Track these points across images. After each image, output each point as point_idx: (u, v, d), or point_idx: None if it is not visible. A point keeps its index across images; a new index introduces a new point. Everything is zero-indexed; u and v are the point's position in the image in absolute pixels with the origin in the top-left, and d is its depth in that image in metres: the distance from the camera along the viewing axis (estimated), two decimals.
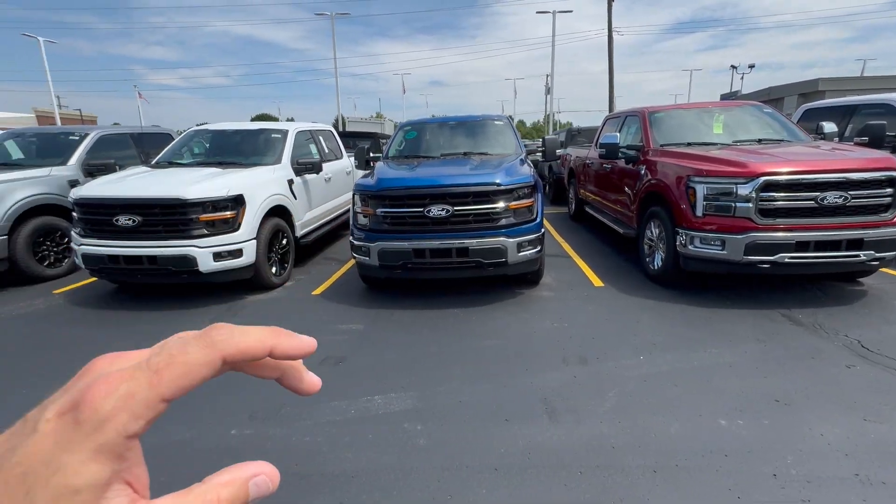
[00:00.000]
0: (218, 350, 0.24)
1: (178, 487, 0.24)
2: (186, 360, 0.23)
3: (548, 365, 3.03)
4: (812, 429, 2.27)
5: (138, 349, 0.26)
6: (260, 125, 5.77)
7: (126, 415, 0.22)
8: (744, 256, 3.75)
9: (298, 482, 2.05)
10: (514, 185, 3.99)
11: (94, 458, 0.21)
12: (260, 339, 0.26)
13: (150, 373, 0.23)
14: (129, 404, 0.22)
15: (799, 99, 23.75)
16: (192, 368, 0.24)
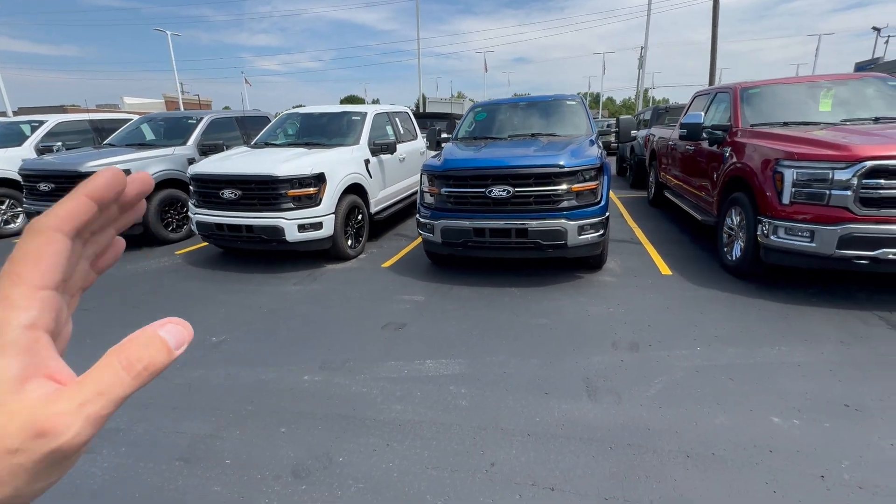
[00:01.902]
0: (47, 229, 0.26)
1: (260, 417, 0.31)
2: (28, 251, 0.25)
3: (597, 348, 3.07)
4: (881, 439, 2.10)
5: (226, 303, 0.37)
6: (342, 108, 6.23)
7: (12, 311, 0.24)
8: (836, 250, 3.38)
9: (354, 423, 2.37)
10: (577, 167, 3.96)
11: (1, 356, 0.24)
12: (75, 198, 0.27)
13: (6, 276, 0.25)
14: (9, 303, 0.24)
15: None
16: (38, 252, 0.25)
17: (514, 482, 1.94)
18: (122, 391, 0.25)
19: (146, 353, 0.26)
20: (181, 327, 0.28)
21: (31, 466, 0.23)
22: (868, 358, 2.79)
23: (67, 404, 0.24)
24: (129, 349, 0.26)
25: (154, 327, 0.27)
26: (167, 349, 0.26)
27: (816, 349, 2.92)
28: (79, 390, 0.24)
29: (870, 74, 4.92)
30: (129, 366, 0.25)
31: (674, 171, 6.63)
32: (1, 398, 0.23)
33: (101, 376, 0.25)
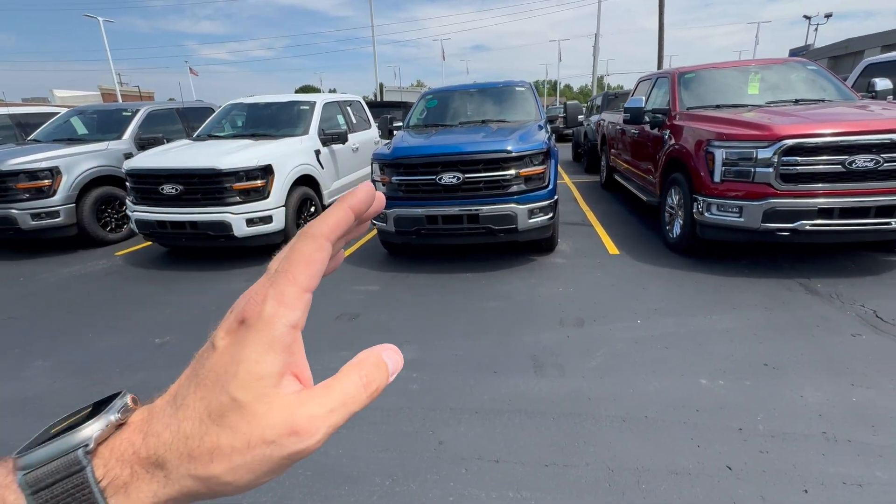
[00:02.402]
0: (320, 236, 0.27)
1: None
2: (302, 254, 0.26)
3: (545, 326, 3.18)
4: (793, 391, 2.30)
5: (194, 300, 0.37)
6: (290, 97, 6.05)
7: (284, 309, 0.25)
8: (761, 224, 3.64)
9: None
10: (525, 152, 4.04)
11: (268, 351, 0.25)
12: (342, 210, 0.28)
13: (283, 275, 0.26)
14: (283, 301, 0.25)
15: (882, 51, 21.16)
16: (310, 257, 0.26)
17: (460, 457, 2.00)
18: (357, 406, 0.27)
19: (376, 374, 0.28)
20: (398, 356, 0.30)
21: (276, 460, 0.25)
22: (787, 321, 3.04)
23: (320, 409, 0.25)
24: (366, 368, 0.28)
25: (378, 351, 0.29)
26: (387, 374, 0.28)
27: (743, 315, 3.15)
28: (329, 398, 0.26)
29: (792, 59, 5.26)
30: (368, 384, 0.27)
31: (622, 154, 6.87)
32: (265, 391, 0.25)
33: (345, 388, 0.26)
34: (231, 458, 0.24)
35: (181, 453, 0.25)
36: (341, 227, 0.28)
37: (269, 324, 0.25)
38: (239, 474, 0.25)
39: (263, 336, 0.25)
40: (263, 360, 0.25)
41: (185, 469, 0.25)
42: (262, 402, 0.25)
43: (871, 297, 3.29)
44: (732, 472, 1.83)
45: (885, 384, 2.30)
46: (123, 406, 0.28)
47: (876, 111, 3.71)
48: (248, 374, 0.25)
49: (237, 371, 0.25)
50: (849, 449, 1.91)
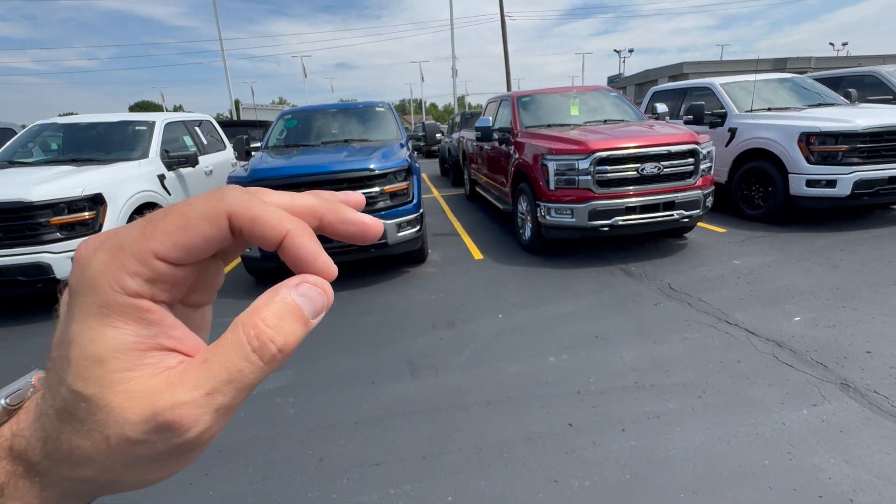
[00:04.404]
0: (225, 205, 0.20)
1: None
2: (186, 210, 0.20)
3: (419, 332, 3.37)
4: (615, 354, 2.85)
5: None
6: (121, 117, 5.35)
7: (117, 269, 0.19)
8: (588, 222, 4.39)
9: None
10: (387, 169, 4.23)
11: (106, 323, 0.19)
12: (278, 219, 0.21)
13: (144, 223, 0.20)
14: (118, 257, 0.19)
15: (669, 80, 26.89)
16: (192, 220, 0.20)
17: (341, 469, 2.04)
18: (254, 378, 0.20)
19: (281, 328, 0.21)
20: (318, 288, 0.22)
21: (155, 457, 0.20)
22: (612, 300, 3.72)
23: (193, 393, 0.19)
24: (260, 323, 0.20)
25: (286, 289, 0.22)
26: (304, 320, 0.21)
27: (580, 300, 3.75)
28: (207, 376, 0.20)
29: (600, 87, 6.44)
30: (263, 347, 0.20)
31: (481, 169, 7.55)
32: (111, 377, 0.19)
33: (230, 359, 0.20)
34: (96, 461, 0.20)
35: (45, 455, 0.21)
36: (256, 228, 0.21)
37: (95, 286, 0.19)
38: (116, 475, 0.21)
39: (90, 302, 0.20)
40: (99, 337, 0.19)
41: (56, 472, 0.21)
42: (112, 391, 0.19)
43: (666, 273, 4.20)
44: (573, 428, 2.20)
45: (674, 338, 2.99)
46: (21, 388, 0.24)
47: (657, 129, 4.78)
48: (83, 357, 0.19)
49: (69, 355, 0.20)
50: (651, 391, 2.44)
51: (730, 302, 3.46)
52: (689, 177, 4.46)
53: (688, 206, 4.46)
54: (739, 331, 3.02)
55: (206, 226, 0.20)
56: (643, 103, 8.20)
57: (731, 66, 28.50)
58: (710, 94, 6.76)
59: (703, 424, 2.15)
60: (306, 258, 0.22)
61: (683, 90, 7.42)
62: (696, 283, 3.90)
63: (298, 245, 0.22)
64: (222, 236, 0.21)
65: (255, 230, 0.21)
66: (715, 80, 6.90)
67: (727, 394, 2.37)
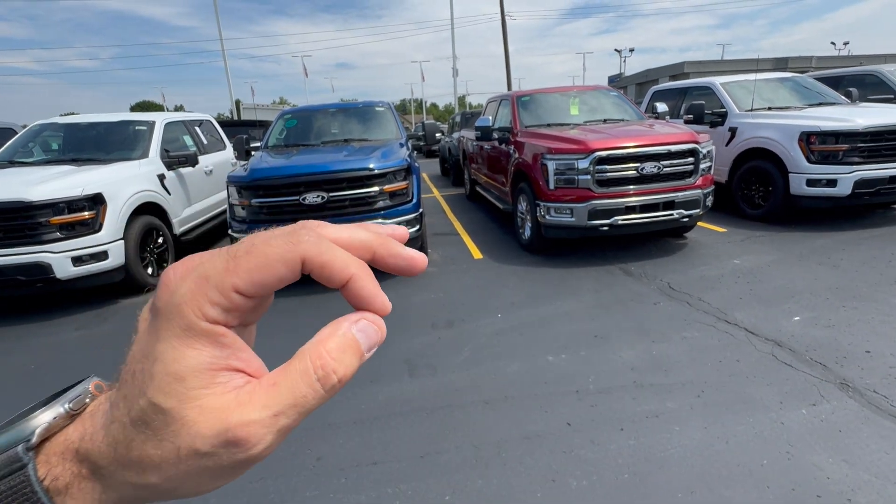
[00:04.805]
0: (300, 249, 0.23)
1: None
2: (266, 251, 0.22)
3: (418, 331, 3.37)
4: (614, 354, 2.84)
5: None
6: (121, 117, 5.35)
7: (202, 297, 0.21)
8: (588, 221, 4.38)
9: None
10: (387, 169, 4.23)
11: (187, 344, 0.21)
12: (345, 263, 0.24)
13: (227, 257, 0.22)
14: (202, 287, 0.21)
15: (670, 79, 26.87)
16: (270, 262, 0.22)
17: (339, 468, 2.04)
18: (315, 404, 0.22)
19: (341, 360, 0.23)
20: (375, 326, 0.25)
21: (217, 470, 0.22)
22: (611, 299, 3.71)
23: (262, 413, 0.21)
24: (325, 355, 0.23)
25: (348, 323, 0.24)
26: (360, 353, 0.24)
27: (580, 299, 3.75)
28: (274, 399, 0.22)
29: (600, 87, 6.43)
30: (326, 377, 0.22)
31: (481, 168, 7.55)
32: (189, 393, 0.21)
33: (295, 385, 0.22)
34: (162, 469, 0.22)
35: (113, 460, 0.22)
36: (324, 272, 0.23)
37: (180, 310, 0.21)
38: (177, 483, 0.22)
39: (174, 325, 0.21)
40: (181, 356, 0.21)
41: (121, 476, 0.23)
42: (189, 406, 0.21)
43: (666, 272, 4.20)
44: (571, 427, 2.20)
45: (673, 337, 2.98)
46: (81, 394, 0.25)
47: (656, 129, 4.77)
48: (166, 374, 0.21)
49: (153, 370, 0.21)
50: (650, 391, 2.44)
51: (729, 301, 3.46)
52: (688, 176, 4.46)
53: (688, 205, 4.45)
54: (739, 330, 3.02)
55: (282, 268, 0.22)
56: (643, 103, 8.18)
57: (732, 66, 28.44)
58: (710, 93, 6.75)
59: (702, 423, 2.15)
60: (367, 298, 0.25)
61: (684, 90, 7.41)
62: (695, 282, 3.90)
63: (361, 287, 0.25)
64: (293, 277, 0.23)
65: (324, 273, 0.23)
66: (715, 79, 6.88)
67: (726, 393, 2.36)
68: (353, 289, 0.24)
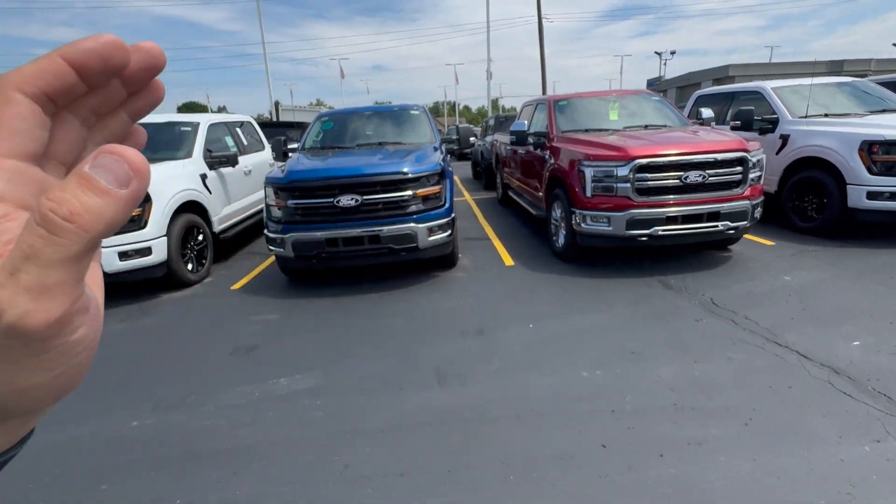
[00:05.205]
0: (3, 86, 0.22)
1: (72, 479, 0.25)
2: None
3: (447, 338, 3.32)
4: (652, 372, 2.71)
5: None
6: (168, 118, 5.58)
7: None
8: (626, 231, 4.22)
9: (194, 461, 2.19)
10: (420, 173, 4.22)
11: None
12: (46, 57, 0.23)
13: None
14: None
15: (714, 83, 25.82)
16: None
17: (366, 477, 2.02)
18: (52, 253, 0.19)
19: (64, 198, 0.19)
20: (115, 156, 0.21)
21: (3, 355, 0.21)
22: (648, 313, 3.55)
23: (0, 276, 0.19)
24: (43, 199, 0.20)
25: (81, 164, 0.20)
26: (99, 189, 0.20)
27: (615, 312, 3.61)
28: (7, 260, 0.20)
29: (641, 91, 6.22)
30: (44, 218, 0.19)
31: (514, 173, 7.45)
32: None
33: (22, 238, 0.19)
34: None
35: None
36: (42, 78, 0.22)
37: None
38: None
39: None
40: None
41: None
42: None
43: (708, 287, 3.99)
44: (606, 449, 2.10)
45: (717, 357, 2.81)
46: None
47: (701, 135, 4.55)
48: None
49: None
50: (692, 415, 2.30)
51: (779, 321, 3.24)
52: (736, 186, 4.22)
53: (734, 217, 4.22)
54: (790, 353, 2.82)
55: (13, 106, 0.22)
56: (686, 107, 7.86)
57: (780, 69, 27.04)
58: (760, 98, 6.41)
59: (751, 454, 2.00)
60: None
61: (731, 94, 7.07)
62: (741, 298, 3.68)
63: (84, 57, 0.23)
64: (32, 110, 0.22)
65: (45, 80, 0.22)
66: (766, 83, 6.53)
67: (777, 422, 2.20)
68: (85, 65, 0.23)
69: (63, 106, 0.24)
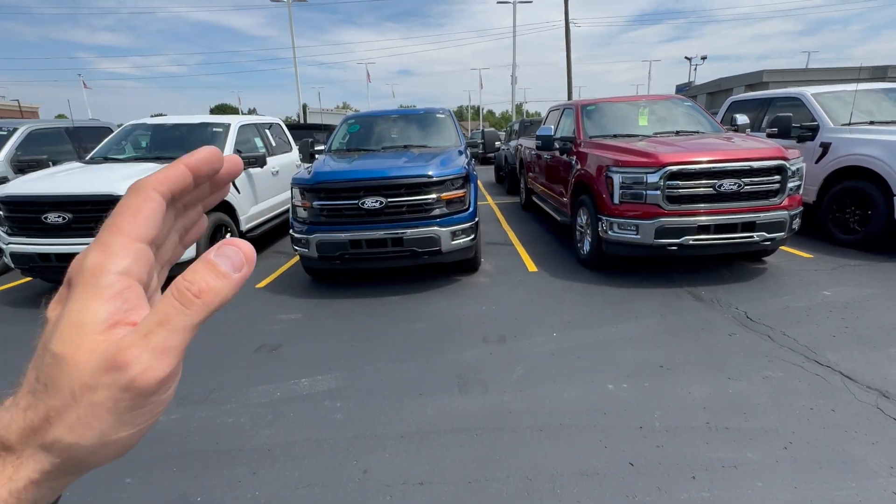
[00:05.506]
0: (145, 187, 0.27)
1: (98, 474, 0.27)
2: (128, 206, 0.26)
3: (469, 344, 3.28)
4: (683, 388, 2.60)
5: None
6: (202, 119, 5.73)
7: (109, 258, 0.25)
8: (655, 240, 4.09)
9: (216, 458, 2.21)
10: (445, 176, 4.19)
11: (93, 298, 0.24)
12: (174, 165, 0.28)
13: (107, 228, 0.26)
14: (107, 251, 0.25)
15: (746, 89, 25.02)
16: (136, 207, 0.26)
17: (385, 484, 1.99)
18: (181, 321, 0.24)
19: (194, 279, 0.25)
20: (234, 248, 0.27)
21: (111, 405, 0.24)
22: (679, 326, 3.42)
23: (134, 336, 0.24)
24: (181, 278, 0.25)
25: (207, 252, 0.26)
26: (220, 273, 0.25)
27: (643, 323, 3.49)
28: (144, 323, 0.24)
29: (672, 96, 6.06)
30: (180, 294, 0.25)
31: (538, 178, 7.36)
32: (87, 338, 0.24)
33: (158, 308, 0.25)
34: (64, 416, 0.24)
35: (22, 428, 0.24)
36: (172, 182, 0.28)
37: (93, 273, 0.25)
38: (80, 432, 0.24)
39: (88, 286, 0.24)
40: (86, 307, 0.24)
41: (31, 442, 0.24)
42: (83, 349, 0.23)
43: (742, 300, 3.82)
44: (634, 468, 2.01)
45: (752, 375, 2.68)
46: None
47: (737, 142, 4.39)
48: (70, 324, 0.24)
49: (59, 326, 0.24)
50: (727, 435, 2.19)
51: (820, 339, 3.07)
52: (774, 196, 4.05)
53: (771, 227, 4.04)
54: (833, 374, 2.66)
55: (147, 205, 0.27)
56: (719, 114, 7.63)
57: (817, 75, 25.91)
58: (798, 104, 6.16)
59: (791, 482, 1.88)
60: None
61: (767, 100, 6.82)
62: (778, 313, 3.51)
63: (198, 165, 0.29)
64: (161, 206, 0.27)
65: (172, 182, 0.28)
66: (805, 89, 6.27)
67: (820, 448, 2.07)
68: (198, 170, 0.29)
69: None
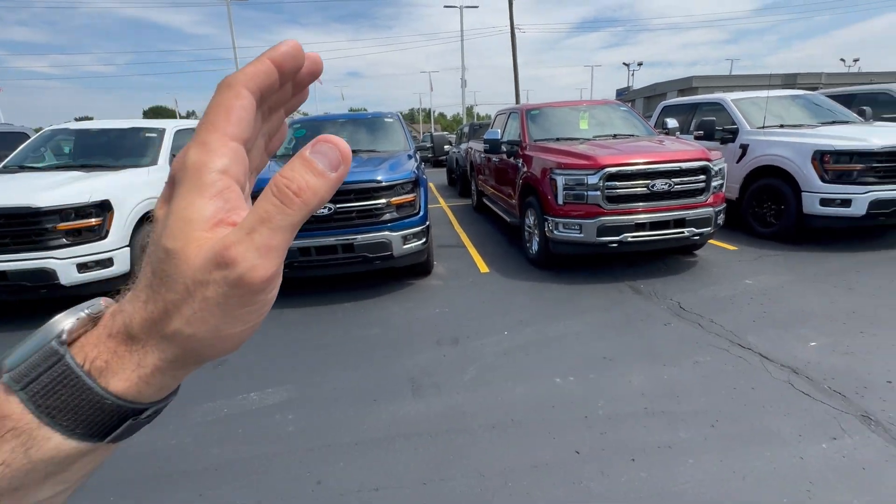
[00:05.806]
0: (235, 83, 0.26)
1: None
2: (219, 103, 0.26)
3: (422, 347, 3.30)
4: (624, 377, 2.76)
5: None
6: (131, 123, 5.38)
7: (208, 155, 0.25)
8: (597, 238, 4.32)
9: (158, 483, 2.10)
10: (395, 181, 4.20)
11: (198, 196, 0.25)
12: (260, 60, 0.27)
13: (203, 126, 0.26)
14: (205, 148, 0.25)
15: (678, 94, 26.85)
16: (228, 104, 0.26)
17: (339, 493, 1.97)
18: (282, 219, 0.24)
19: (293, 177, 0.25)
20: (330, 145, 0.26)
21: (222, 300, 0.24)
22: (620, 319, 3.63)
23: (239, 234, 0.24)
24: (278, 176, 0.25)
25: (303, 149, 0.25)
26: (316, 171, 0.25)
27: (588, 318, 3.67)
28: (246, 221, 0.24)
29: (610, 101, 6.41)
30: (280, 192, 0.24)
31: (488, 180, 7.52)
32: (194, 234, 0.24)
33: (258, 206, 0.24)
34: (181, 309, 0.24)
35: (144, 319, 0.25)
36: (260, 77, 0.27)
37: (196, 170, 0.25)
38: (197, 326, 0.25)
39: (191, 183, 0.25)
40: (192, 204, 0.25)
41: (153, 333, 0.25)
42: (192, 245, 0.24)
43: (676, 291, 4.11)
44: (580, 456, 2.12)
45: (684, 361, 2.90)
46: (94, 303, 0.28)
47: (667, 145, 4.72)
48: (178, 220, 0.25)
49: (168, 223, 0.25)
50: (662, 419, 2.36)
51: (742, 324, 3.37)
52: (700, 194, 4.39)
53: (699, 223, 4.38)
54: (753, 355, 2.93)
55: (239, 102, 0.26)
56: (653, 117, 8.14)
57: (740, 81, 28.35)
58: (721, 109, 6.70)
59: (717, 457, 2.06)
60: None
61: (694, 105, 7.37)
62: (707, 302, 3.81)
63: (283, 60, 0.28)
64: (252, 106, 0.27)
65: (260, 79, 0.27)
66: (726, 95, 6.84)
67: (742, 424, 2.28)
68: (283, 66, 0.28)
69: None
